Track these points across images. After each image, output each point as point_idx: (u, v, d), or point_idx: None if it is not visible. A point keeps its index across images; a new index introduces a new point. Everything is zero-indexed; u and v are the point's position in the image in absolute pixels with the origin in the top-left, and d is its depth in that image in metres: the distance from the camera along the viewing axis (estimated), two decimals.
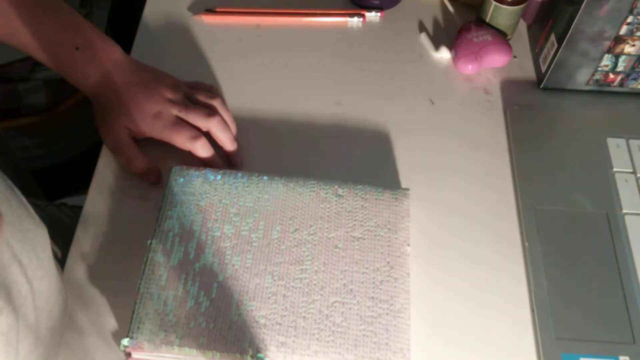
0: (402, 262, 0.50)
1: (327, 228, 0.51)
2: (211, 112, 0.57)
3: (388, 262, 0.50)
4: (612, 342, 0.50)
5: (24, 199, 0.47)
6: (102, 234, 0.55)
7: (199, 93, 0.59)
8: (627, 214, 0.57)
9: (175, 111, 0.56)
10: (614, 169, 0.59)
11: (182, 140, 0.56)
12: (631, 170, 0.59)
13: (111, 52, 0.58)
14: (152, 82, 0.57)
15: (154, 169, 0.57)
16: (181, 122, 0.56)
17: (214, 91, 0.61)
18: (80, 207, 0.57)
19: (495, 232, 0.56)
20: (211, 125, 0.56)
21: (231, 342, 0.45)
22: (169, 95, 0.57)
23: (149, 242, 0.50)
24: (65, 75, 0.58)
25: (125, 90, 0.56)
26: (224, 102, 0.60)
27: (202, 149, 0.56)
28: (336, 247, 0.50)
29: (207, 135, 0.57)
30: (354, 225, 0.52)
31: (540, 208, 0.57)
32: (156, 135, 0.56)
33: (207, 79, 0.65)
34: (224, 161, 0.58)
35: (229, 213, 0.51)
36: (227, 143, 0.57)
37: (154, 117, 0.56)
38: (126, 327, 0.46)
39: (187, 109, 0.56)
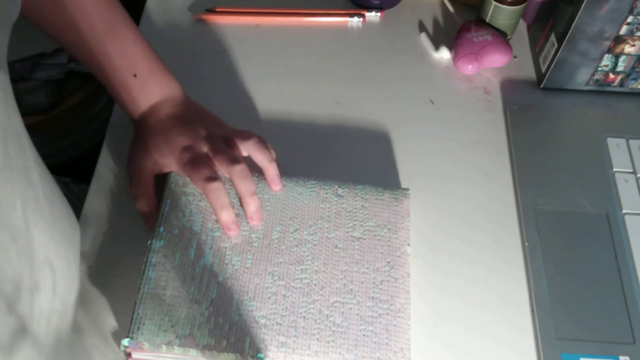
0: (402, 262, 0.50)
1: (327, 228, 0.51)
2: (236, 159, 0.53)
3: (388, 262, 0.50)
4: (612, 342, 0.50)
5: (65, 200, 0.46)
6: (102, 234, 0.54)
7: (239, 136, 0.55)
8: (627, 214, 0.57)
9: (205, 149, 0.53)
10: (614, 169, 0.59)
11: (197, 179, 0.52)
12: (631, 170, 0.59)
13: (168, 86, 0.57)
14: (194, 119, 0.56)
15: (154, 216, 0.54)
16: (204, 161, 0.53)
17: (256, 139, 0.56)
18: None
19: (495, 232, 0.56)
20: (232, 172, 0.52)
21: (231, 342, 0.45)
22: (205, 133, 0.54)
23: (149, 242, 0.50)
24: (115, 96, 0.57)
25: (164, 123, 0.55)
26: (261, 143, 0.55)
27: (212, 192, 0.51)
28: (336, 247, 0.50)
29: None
30: (354, 225, 0.52)
31: (540, 208, 0.57)
32: (179, 168, 0.54)
33: (207, 79, 0.65)
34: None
35: None
36: (246, 194, 0.52)
37: (182, 150, 0.53)
38: (126, 327, 0.46)
39: (215, 150, 0.53)
